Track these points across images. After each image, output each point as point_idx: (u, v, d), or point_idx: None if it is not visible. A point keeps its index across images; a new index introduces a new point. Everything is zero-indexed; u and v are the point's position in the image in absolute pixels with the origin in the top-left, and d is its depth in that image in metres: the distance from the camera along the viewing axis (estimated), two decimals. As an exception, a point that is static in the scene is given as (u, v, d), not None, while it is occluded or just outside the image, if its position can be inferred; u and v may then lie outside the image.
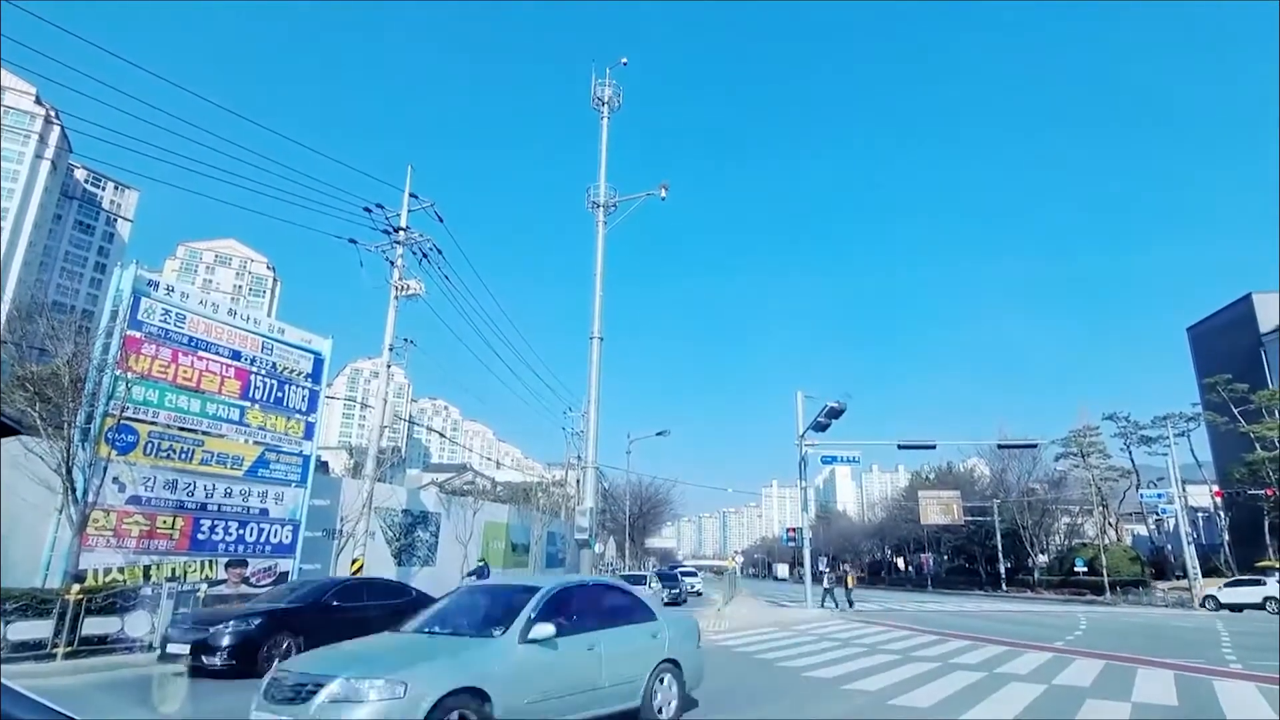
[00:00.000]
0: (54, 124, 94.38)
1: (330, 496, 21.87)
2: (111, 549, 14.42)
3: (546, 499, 43.77)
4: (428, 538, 27.87)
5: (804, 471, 30.90)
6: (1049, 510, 62.00)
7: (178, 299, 16.50)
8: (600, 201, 25.99)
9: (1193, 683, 10.63)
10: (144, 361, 15.23)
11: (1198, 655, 14.39)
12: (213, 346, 17.07)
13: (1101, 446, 57.89)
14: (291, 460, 18.93)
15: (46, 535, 13.35)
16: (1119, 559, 50.76)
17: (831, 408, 27.95)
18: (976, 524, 64.52)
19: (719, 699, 8.83)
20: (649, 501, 68.37)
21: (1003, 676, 11.01)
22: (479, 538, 31.43)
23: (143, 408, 15.20)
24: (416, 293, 22.01)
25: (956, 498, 63.00)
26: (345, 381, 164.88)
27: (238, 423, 17.57)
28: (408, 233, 22.24)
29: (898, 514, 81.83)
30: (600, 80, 27.50)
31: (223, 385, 17.26)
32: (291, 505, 18.79)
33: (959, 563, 75.29)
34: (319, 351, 20.27)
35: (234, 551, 17.12)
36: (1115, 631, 20.72)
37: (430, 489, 39.57)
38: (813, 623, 21.91)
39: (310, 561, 19.98)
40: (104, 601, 11.52)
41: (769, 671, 11.72)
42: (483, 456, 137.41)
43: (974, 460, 72.77)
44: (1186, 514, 42.00)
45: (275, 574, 18.15)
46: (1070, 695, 9.40)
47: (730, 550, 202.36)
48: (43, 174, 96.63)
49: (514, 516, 36.41)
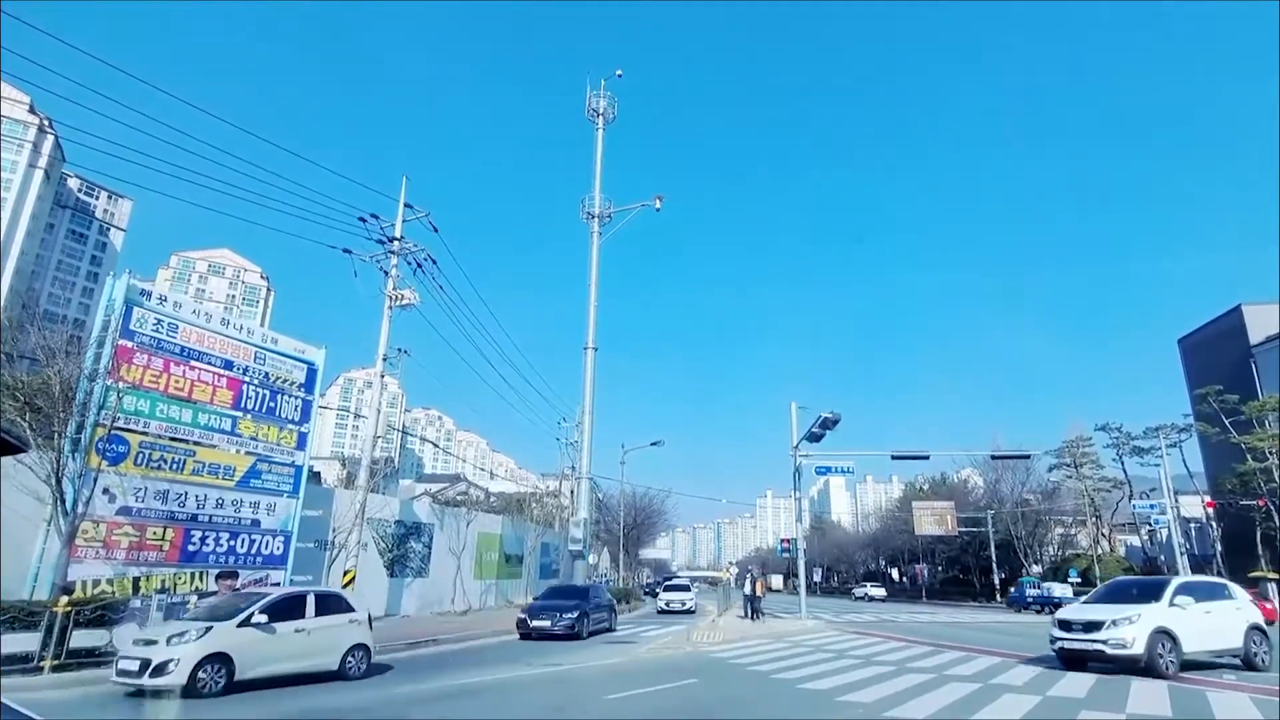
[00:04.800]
0: (48, 133, 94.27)
1: (323, 507, 21.72)
2: (101, 561, 14.29)
3: (540, 510, 43.61)
4: (421, 549, 27.69)
5: (798, 482, 30.90)
6: (1043, 521, 62.07)
7: (170, 308, 16.43)
8: (595, 212, 26.09)
9: (1187, 694, 10.63)
10: (136, 371, 15.14)
11: (1191, 667, 14.41)
12: (205, 356, 16.98)
13: (1094, 457, 58.15)
14: (284, 471, 18.81)
15: (35, 547, 13.21)
16: (1112, 569, 50.82)
17: (825, 418, 28.00)
18: (971, 535, 64.53)
19: (713, 711, 8.78)
20: (643, 512, 68.09)
21: (997, 688, 10.99)
22: (472, 549, 31.25)
23: (134, 418, 15.10)
24: (411, 303, 22.02)
25: (950, 508, 63.02)
26: (339, 391, 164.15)
27: (230, 433, 17.47)
28: (402, 243, 22.26)
29: (892, 524, 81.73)
30: (595, 92, 27.69)
31: (215, 395, 17.16)
32: (284, 516, 18.65)
33: (953, 573, 75.19)
34: (312, 361, 20.20)
35: (225, 563, 16.97)
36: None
37: (423, 499, 39.37)
38: (807, 634, 21.84)
39: (302, 573, 19.82)
40: (92, 614, 11.41)
41: (763, 684, 11.67)
42: (477, 467, 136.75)
43: (968, 471, 72.84)
44: (1179, 524, 42.12)
45: (267, 585, 18.00)
46: (1065, 706, 9.39)
47: (725, 561, 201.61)
48: (36, 183, 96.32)
49: (508, 527, 36.24)
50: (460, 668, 13.43)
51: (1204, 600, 13.09)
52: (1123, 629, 12.06)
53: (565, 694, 10.74)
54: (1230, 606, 13.65)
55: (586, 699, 10.29)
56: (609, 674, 12.87)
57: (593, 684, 11.72)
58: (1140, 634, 11.90)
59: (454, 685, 11.24)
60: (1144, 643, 11.79)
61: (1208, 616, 12.91)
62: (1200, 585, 13.99)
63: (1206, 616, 12.88)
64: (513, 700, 10.30)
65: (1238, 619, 13.43)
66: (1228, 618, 13.33)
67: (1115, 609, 12.64)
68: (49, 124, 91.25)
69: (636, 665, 14.04)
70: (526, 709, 9.68)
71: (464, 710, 9.50)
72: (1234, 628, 13.25)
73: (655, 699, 9.76)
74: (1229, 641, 13.12)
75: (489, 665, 13.82)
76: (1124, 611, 12.39)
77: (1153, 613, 12.32)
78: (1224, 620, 13.25)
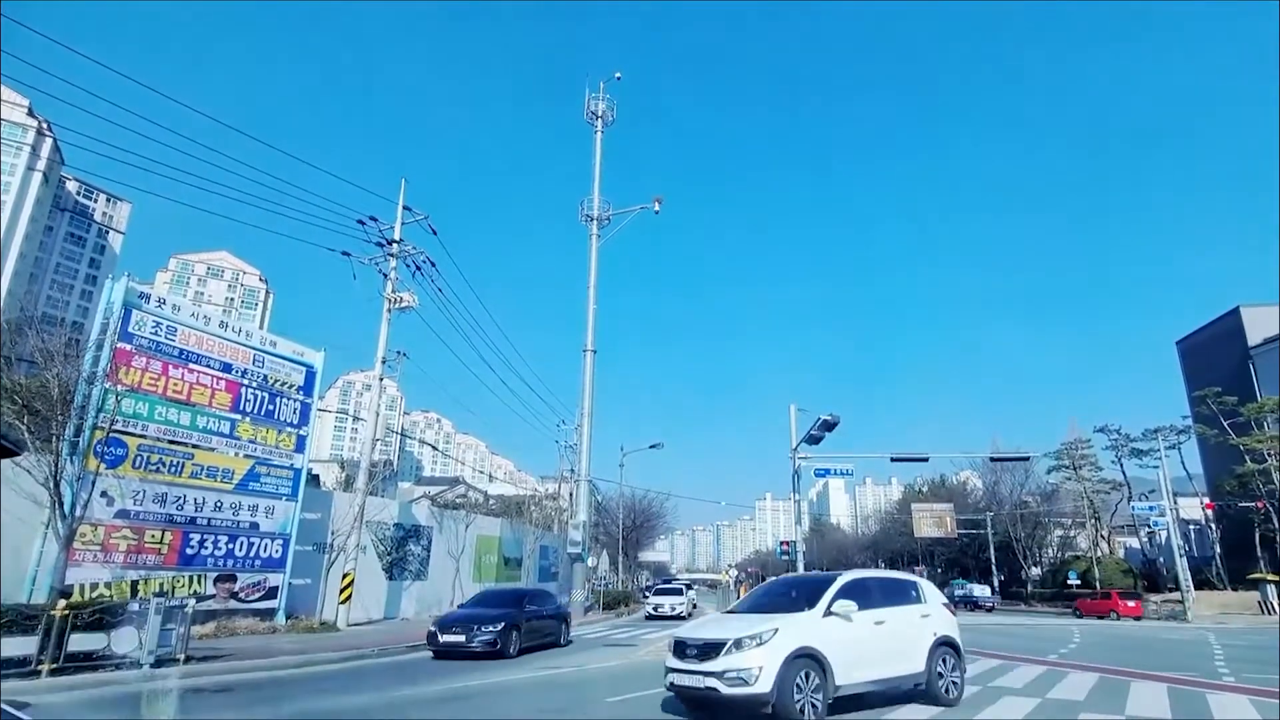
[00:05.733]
0: (46, 136, 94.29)
1: (321, 510, 21.69)
2: (99, 564, 14.29)
3: (540, 512, 43.56)
4: (419, 551, 27.66)
5: (797, 484, 30.86)
6: (1042, 523, 62.13)
7: (169, 311, 16.44)
8: (594, 215, 26.11)
9: (1186, 696, 10.63)
10: (134, 374, 15.15)
11: (1191, 668, 14.41)
12: (204, 359, 16.99)
13: (1093, 459, 58.20)
14: (282, 474, 18.81)
15: (33, 550, 13.20)
16: (1111, 571, 50.89)
17: (825, 421, 27.95)
18: (970, 537, 64.56)
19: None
20: (642, 515, 68.06)
21: (997, 690, 10.98)
22: (471, 552, 31.22)
23: (132, 420, 15.10)
24: (410, 305, 22.02)
25: (950, 510, 63.07)
26: (337, 394, 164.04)
27: (228, 436, 17.47)
28: (401, 245, 22.26)
29: (891, 526, 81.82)
30: (594, 94, 27.72)
31: (213, 398, 17.16)
32: (282, 519, 18.64)
33: (953, 575, 75.22)
34: (311, 364, 20.20)
35: (223, 566, 16.96)
36: (1109, 645, 20.70)
37: (422, 502, 39.30)
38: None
39: (300, 576, 19.80)
40: (90, 617, 11.36)
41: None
42: (475, 470, 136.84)
43: (967, 473, 72.96)
44: (1178, 526, 42.10)
45: (265, 588, 17.97)
46: (1065, 709, 9.39)
47: (724, 564, 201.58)
48: (35, 186, 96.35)
49: (507, 530, 36.22)
50: (463, 672, 13.41)
51: (876, 606, 9.36)
52: (747, 654, 7.79)
53: (566, 697, 10.73)
54: (913, 614, 9.86)
55: (587, 701, 10.30)
56: (610, 677, 12.85)
57: (591, 685, 11.72)
58: (769, 662, 7.69)
59: (455, 688, 11.22)
60: (772, 675, 7.62)
61: (879, 630, 9.09)
62: (873, 584, 9.98)
63: (877, 630, 9.07)
64: (511, 701, 10.32)
65: (922, 631, 9.70)
66: (908, 630, 9.55)
67: (748, 623, 8.45)
68: (48, 127, 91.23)
69: (634, 668, 14.02)
70: (525, 709, 9.67)
71: (463, 710, 9.49)
72: (915, 645, 9.50)
73: (656, 701, 9.74)
74: (906, 665, 9.29)
75: (484, 670, 13.81)
76: (754, 626, 8.15)
77: (795, 628, 8.24)
78: (901, 634, 9.39)
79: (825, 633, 8.39)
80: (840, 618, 8.64)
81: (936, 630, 9.84)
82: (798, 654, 7.90)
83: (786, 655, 7.78)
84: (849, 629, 8.65)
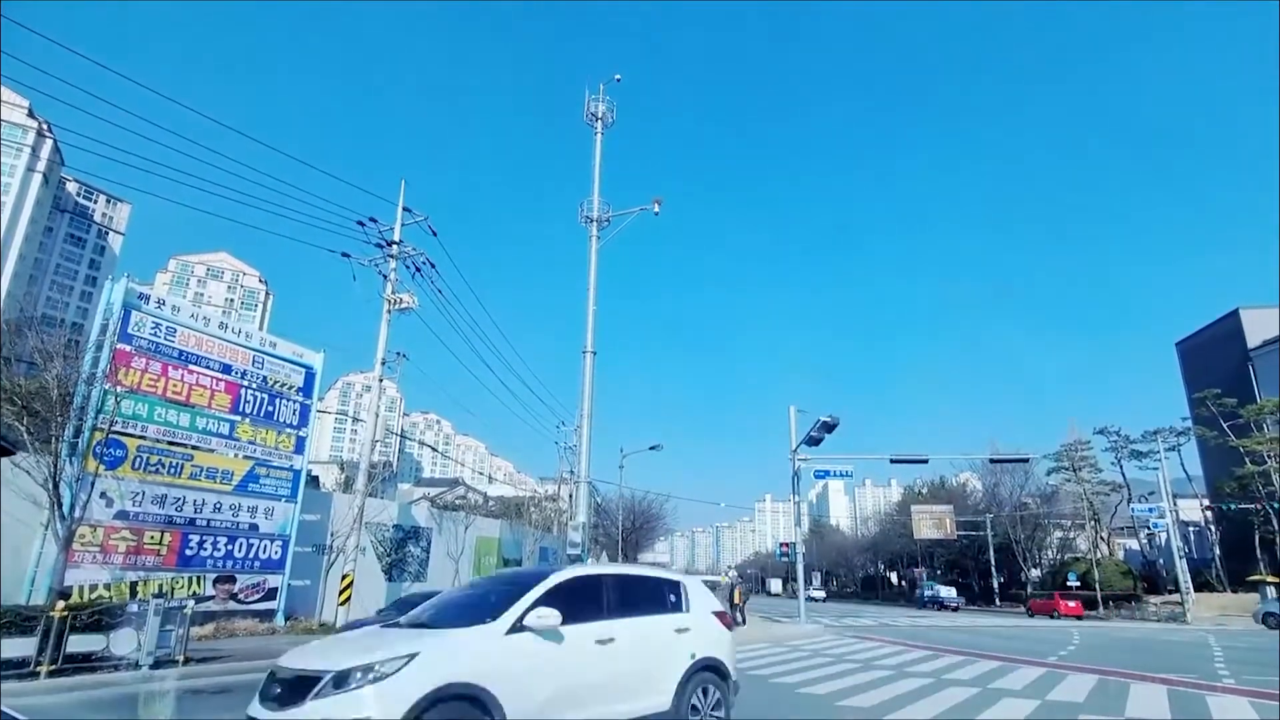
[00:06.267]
0: (46, 137, 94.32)
1: (321, 511, 21.67)
2: (98, 565, 14.28)
3: (539, 514, 43.52)
4: (419, 553, 27.65)
5: (797, 486, 30.89)
6: (1041, 524, 62.13)
7: (168, 312, 16.44)
8: (593, 216, 26.11)
9: (1186, 698, 10.63)
10: (134, 375, 15.15)
11: (1190, 670, 14.41)
12: (203, 360, 17.00)
13: (1093, 461, 58.22)
14: (282, 475, 18.81)
15: (32, 551, 13.20)
16: (1111, 573, 50.82)
17: (824, 422, 28.00)
18: (969, 538, 64.55)
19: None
20: (642, 516, 68.03)
21: (996, 692, 10.98)
22: (470, 553, 31.20)
23: (132, 421, 15.10)
24: (410, 307, 22.00)
25: (949, 512, 63.09)
26: (337, 395, 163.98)
27: (228, 437, 17.47)
28: (401, 246, 22.26)
29: (890, 528, 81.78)
30: (593, 96, 27.73)
31: (213, 399, 17.17)
32: (281, 520, 18.64)
33: (952, 577, 75.10)
34: (310, 365, 20.20)
35: (222, 567, 16.96)
36: (1108, 646, 20.71)
37: (421, 504, 39.26)
38: (806, 638, 21.80)
39: (300, 577, 19.79)
40: (89, 619, 11.35)
41: (762, 688, 11.63)
42: (475, 471, 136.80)
43: (966, 475, 72.95)
44: (1178, 528, 42.12)
45: (264, 590, 17.97)
46: (1064, 710, 9.39)
47: (723, 565, 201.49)
48: (34, 186, 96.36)
49: (506, 531, 36.18)
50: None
51: (606, 616, 6.63)
52: (351, 696, 4.90)
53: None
54: (662, 628, 7.15)
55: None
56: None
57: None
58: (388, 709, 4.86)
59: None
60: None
61: (603, 651, 6.37)
62: (607, 586, 6.91)
63: (600, 652, 6.35)
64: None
65: (674, 651, 7.05)
66: (650, 650, 6.91)
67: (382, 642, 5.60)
68: (48, 128, 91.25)
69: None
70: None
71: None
72: (660, 670, 6.85)
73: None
74: (641, 702, 6.54)
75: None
76: (378, 651, 5.25)
77: (447, 652, 5.52)
78: (639, 655, 6.72)
79: (503, 659, 5.69)
80: (537, 634, 5.91)
81: (696, 650, 7.13)
82: (443, 694, 5.17)
83: (420, 697, 5.01)
84: (551, 651, 5.97)
